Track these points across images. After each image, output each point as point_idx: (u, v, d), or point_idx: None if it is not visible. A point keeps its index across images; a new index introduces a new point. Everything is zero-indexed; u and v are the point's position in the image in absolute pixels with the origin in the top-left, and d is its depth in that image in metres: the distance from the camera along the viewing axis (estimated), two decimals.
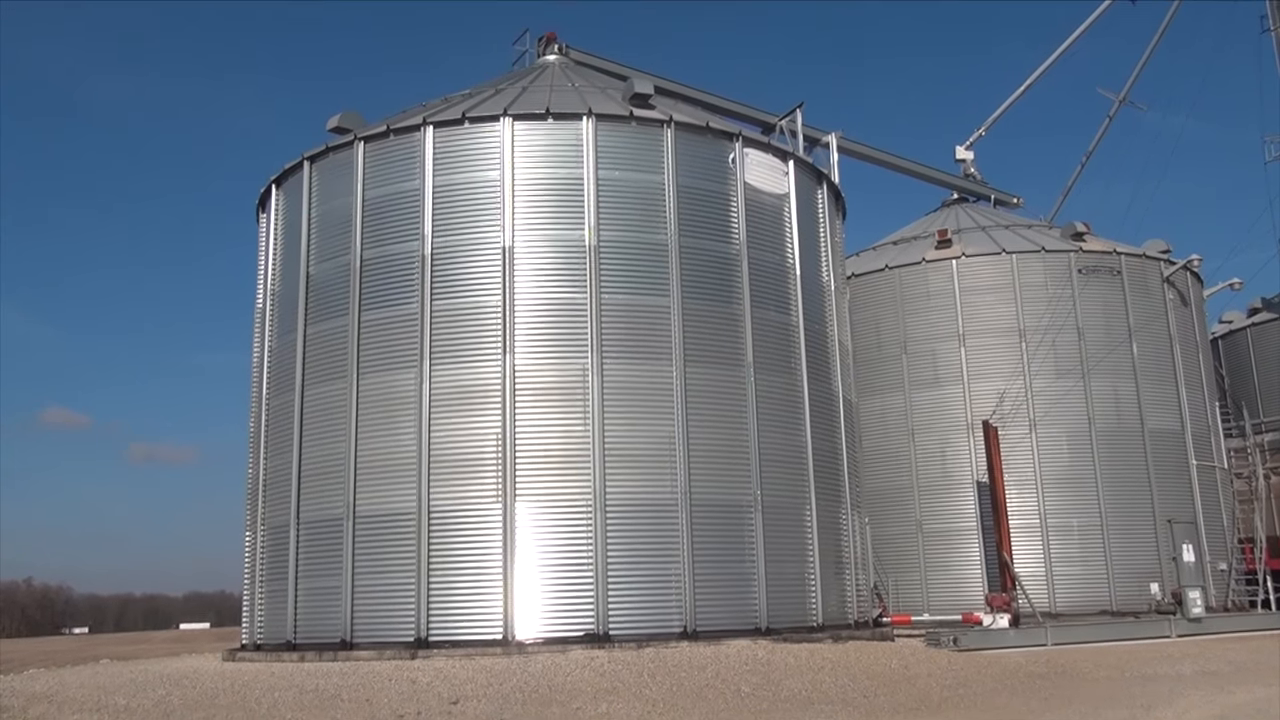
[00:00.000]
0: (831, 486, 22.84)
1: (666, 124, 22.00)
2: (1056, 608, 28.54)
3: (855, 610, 22.85)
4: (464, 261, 20.89)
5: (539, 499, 19.52)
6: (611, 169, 21.41)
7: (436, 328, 20.57)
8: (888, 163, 36.57)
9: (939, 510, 30.82)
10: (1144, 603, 28.76)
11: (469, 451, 19.81)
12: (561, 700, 13.85)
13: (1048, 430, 30.35)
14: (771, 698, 14.25)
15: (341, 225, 22.03)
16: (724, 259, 21.93)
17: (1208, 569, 30.45)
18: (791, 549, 21.25)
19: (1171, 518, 30.02)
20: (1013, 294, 31.53)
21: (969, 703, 13.97)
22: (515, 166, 21.21)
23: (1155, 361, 31.68)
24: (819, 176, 25.25)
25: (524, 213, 20.99)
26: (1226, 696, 14.04)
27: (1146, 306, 32.15)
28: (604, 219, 21.02)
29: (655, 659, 17.28)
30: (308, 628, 20.38)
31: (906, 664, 18.05)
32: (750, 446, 21.01)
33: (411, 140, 21.84)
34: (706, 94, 30.53)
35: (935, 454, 31.14)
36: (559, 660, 17.12)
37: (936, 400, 31.42)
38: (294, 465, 21.32)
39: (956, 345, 31.50)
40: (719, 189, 22.35)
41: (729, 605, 20.01)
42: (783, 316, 22.65)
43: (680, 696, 14.25)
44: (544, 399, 19.99)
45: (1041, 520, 29.67)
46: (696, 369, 20.81)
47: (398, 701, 13.83)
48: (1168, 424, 31.30)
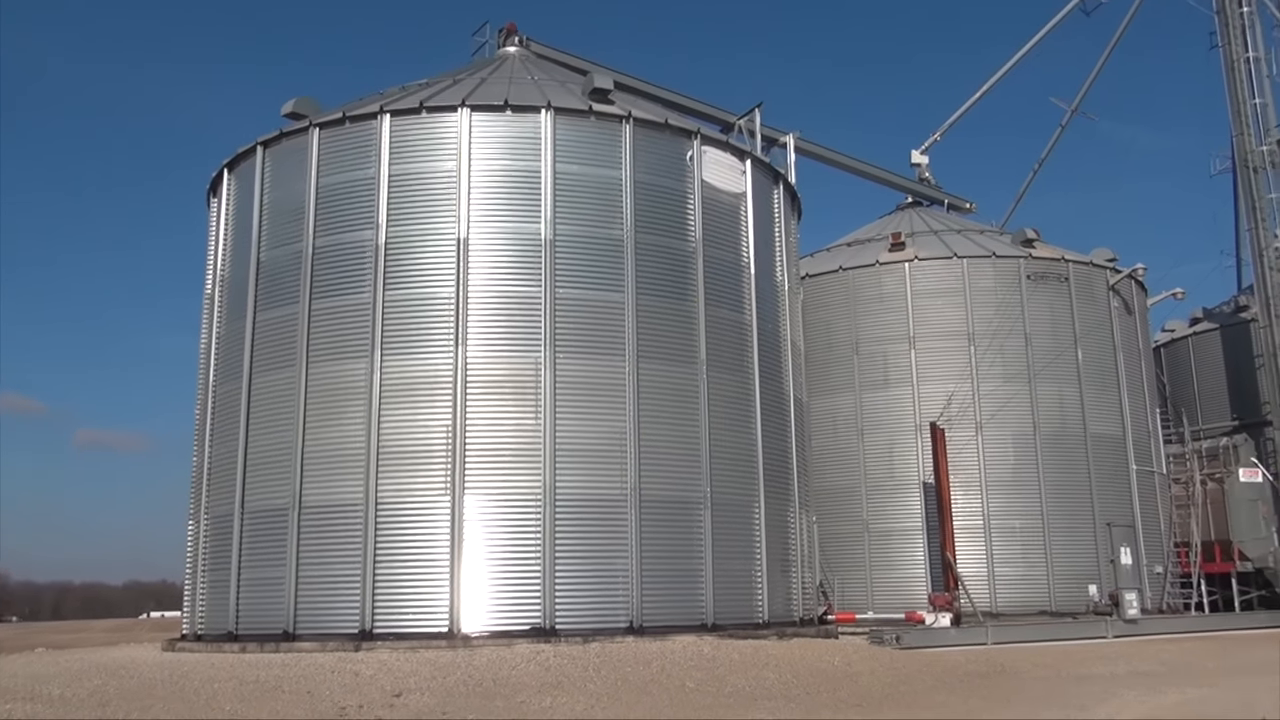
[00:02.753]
0: (781, 485, 23.02)
1: (625, 119, 22.01)
2: (998, 607, 29.00)
3: (801, 608, 23.06)
4: (418, 252, 20.77)
5: (488, 492, 19.47)
6: (569, 163, 21.38)
7: (388, 318, 20.43)
8: (844, 164, 36.90)
9: (886, 510, 31.18)
10: (1082, 604, 29.33)
11: (419, 443, 19.71)
12: (506, 694, 13.84)
13: (994, 433, 30.81)
14: (715, 693, 14.34)
15: (294, 212, 21.79)
16: (680, 256, 21.99)
17: (1144, 572, 31.11)
18: (739, 546, 21.40)
19: (1111, 521, 30.64)
20: (963, 298, 31.95)
21: (909, 700, 14.16)
22: (472, 158, 21.12)
23: (1099, 368, 32.28)
24: (776, 176, 25.42)
25: (480, 204, 20.91)
26: (1159, 697, 14.37)
27: (1092, 313, 32.75)
28: (560, 213, 21.00)
29: (601, 654, 17.32)
30: (250, 618, 20.15)
31: (849, 661, 18.25)
32: (701, 444, 21.12)
33: (368, 128, 21.65)
34: (666, 91, 30.61)
35: (883, 454, 31.49)
36: (504, 654, 17.09)
37: (886, 401, 31.77)
38: (240, 454, 21.07)
39: (907, 347, 31.87)
40: (676, 186, 22.41)
41: (676, 601, 20.12)
42: (736, 315, 22.77)
43: (625, 691, 14.29)
44: (496, 392, 19.94)
45: (985, 521, 30.12)
46: (650, 365, 20.86)
47: (340, 693, 13.73)
48: (1110, 429, 31.92)
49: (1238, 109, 38.14)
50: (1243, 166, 38.22)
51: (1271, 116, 37.95)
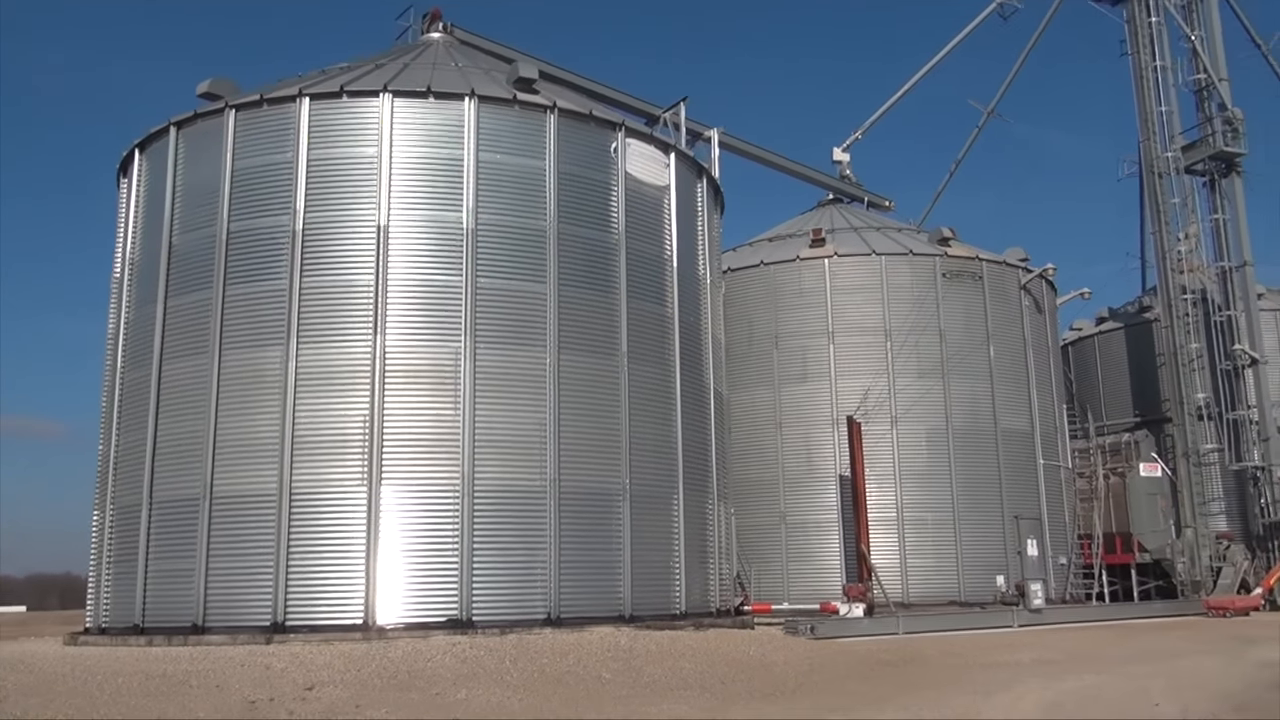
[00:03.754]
0: (700, 477, 23.22)
1: (550, 109, 21.92)
2: (909, 598, 29.63)
3: (718, 599, 23.30)
4: (337, 239, 20.44)
5: (405, 483, 19.28)
6: (492, 152, 21.23)
7: (305, 305, 20.07)
8: (767, 160, 37.25)
9: (802, 502, 31.62)
10: (990, 594, 30.12)
11: (335, 433, 19.42)
12: (421, 686, 13.75)
13: (908, 427, 31.44)
14: (631, 684, 14.44)
15: (208, 195, 21.27)
16: (602, 248, 22.00)
17: (1049, 563, 32.07)
18: (658, 538, 21.54)
19: (1018, 514, 31.52)
20: (880, 295, 32.50)
21: (821, 688, 14.43)
22: (394, 144, 20.84)
23: (1010, 365, 33.14)
24: (699, 170, 25.56)
25: (401, 192, 20.65)
26: (1059, 683, 14.85)
27: (1004, 312, 33.60)
28: (483, 202, 20.84)
29: (518, 645, 17.29)
30: (157, 611, 19.66)
31: (764, 651, 18.51)
32: (621, 436, 21.19)
33: (286, 111, 21.22)
34: (592, 82, 30.55)
35: (801, 448, 31.92)
36: (420, 646, 16.97)
37: (804, 395, 32.20)
38: (148, 443, 20.53)
39: (825, 342, 32.33)
40: (600, 178, 22.41)
41: (594, 593, 20.17)
42: (658, 308, 22.88)
43: (541, 682, 14.31)
44: (414, 382, 19.74)
45: (899, 514, 30.73)
46: (571, 357, 20.85)
47: (250, 687, 13.49)
48: (1018, 425, 32.81)
49: (1145, 115, 39.45)
50: (1149, 171, 39.55)
51: (1177, 123, 39.36)
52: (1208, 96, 39.90)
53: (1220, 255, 39.61)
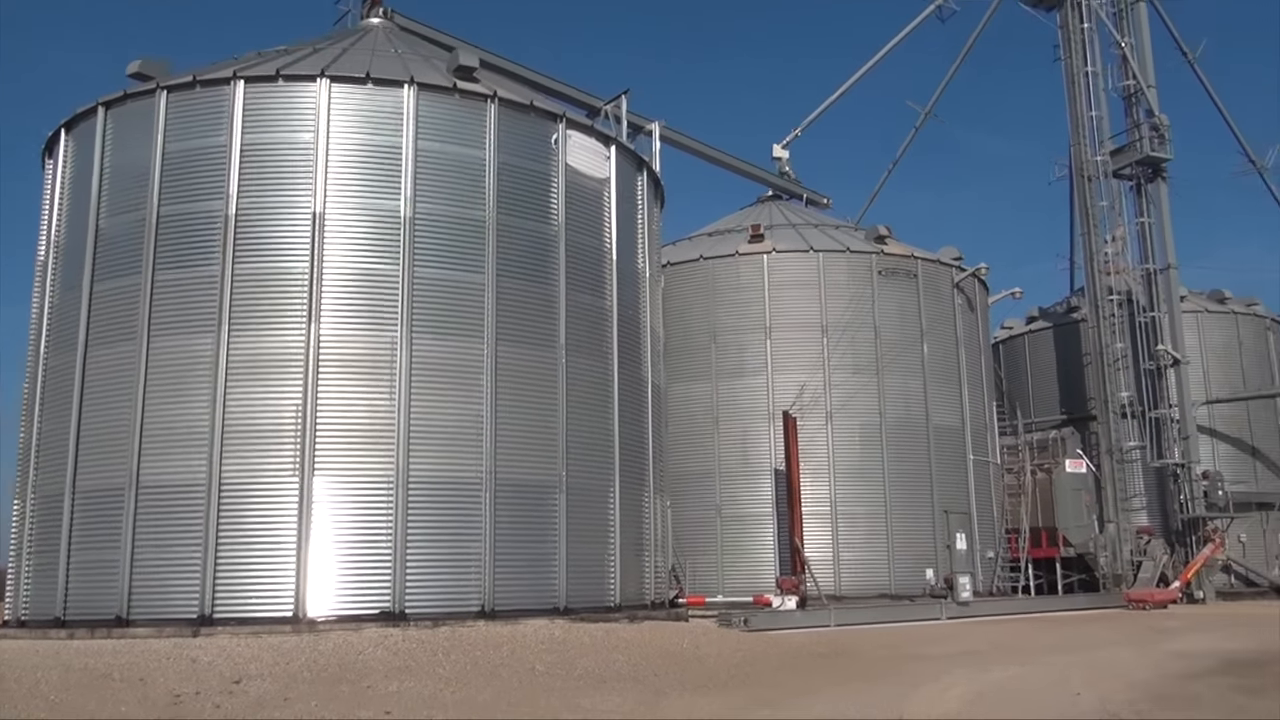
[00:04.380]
0: (636, 470, 23.28)
1: (490, 99, 21.77)
2: (842, 590, 30.03)
3: (652, 591, 23.41)
4: (271, 225, 20.11)
5: (339, 474, 19.06)
6: (431, 140, 21.04)
7: (238, 292, 19.72)
8: (708, 155, 37.38)
9: (738, 496, 31.86)
10: (920, 587, 30.66)
11: (266, 422, 19.12)
12: (352, 679, 13.62)
13: (843, 422, 31.82)
14: (565, 676, 14.45)
15: (138, 178, 20.77)
16: (541, 239, 21.93)
17: (977, 557, 32.72)
18: (594, 530, 21.56)
19: (948, 508, 32.09)
20: (817, 291, 32.83)
21: (753, 680, 14.58)
22: (330, 130, 20.54)
23: (942, 362, 33.70)
24: (640, 164, 25.58)
25: (337, 179, 20.37)
26: (985, 674, 15.19)
27: (937, 310, 34.13)
28: (421, 191, 20.65)
29: (451, 637, 17.21)
30: (80, 603, 19.19)
31: (698, 644, 18.64)
32: (558, 428, 21.16)
33: (220, 94, 20.81)
34: (533, 72, 30.40)
35: (737, 441, 32.16)
36: (351, 638, 16.79)
37: (741, 390, 32.43)
38: (72, 430, 20.01)
39: (763, 337, 32.58)
40: (540, 169, 22.32)
41: (529, 585, 20.14)
42: (597, 300, 22.87)
43: (474, 675, 14.26)
44: (349, 371, 19.51)
45: (832, 508, 31.10)
46: (508, 348, 20.76)
47: (175, 681, 13.25)
48: (950, 421, 33.39)
49: (1076, 120, 40.37)
50: (1078, 175, 40.49)
51: (1106, 128, 40.33)
52: (1136, 102, 40.91)
53: (1145, 258, 40.70)
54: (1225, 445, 41.29)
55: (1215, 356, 42.13)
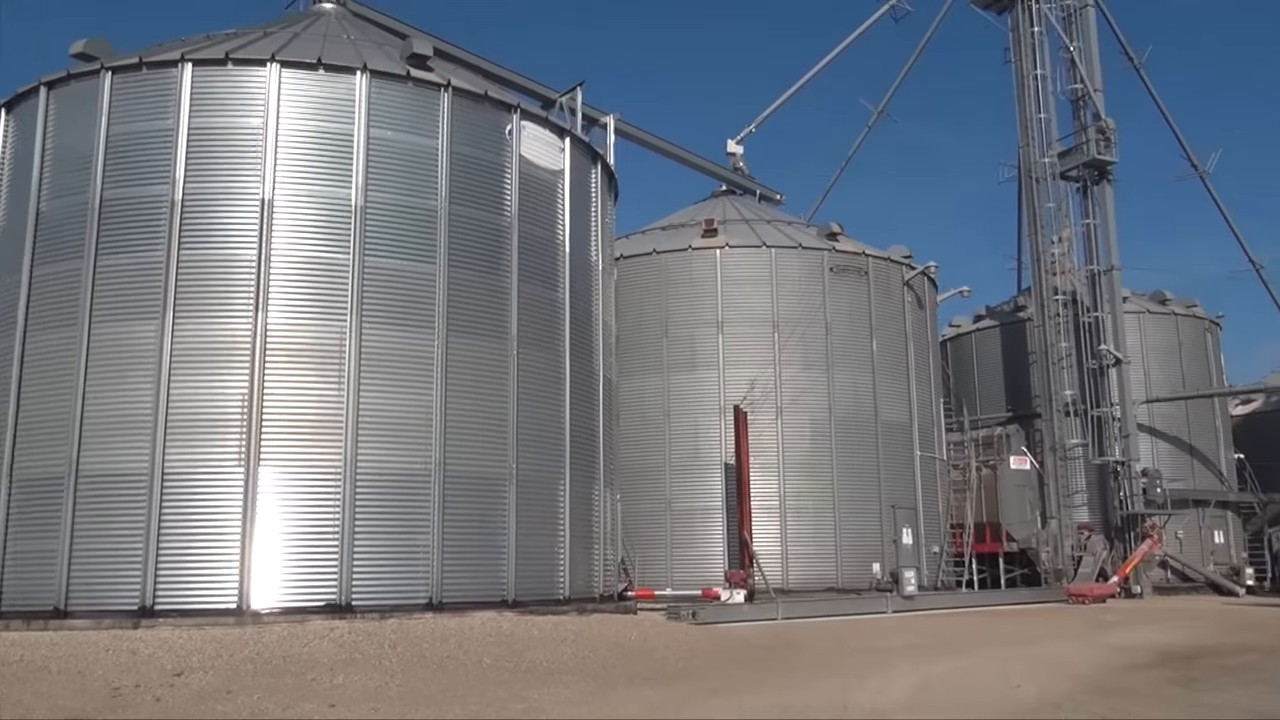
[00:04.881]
0: (586, 463, 23.26)
1: (444, 88, 21.59)
2: (790, 584, 30.27)
3: (601, 584, 23.41)
4: (218, 211, 19.77)
5: (285, 464, 18.81)
6: (383, 129, 20.81)
7: (183, 278, 19.37)
8: (662, 149, 37.43)
9: (688, 489, 31.98)
10: (866, 581, 31.02)
11: (212, 411, 18.81)
12: (296, 672, 13.48)
13: (792, 417, 32.06)
14: (512, 669, 14.43)
15: (81, 161, 20.31)
16: (494, 230, 21.81)
17: (923, 551, 33.17)
18: (543, 523, 21.50)
19: (895, 503, 32.49)
20: (769, 287, 33.03)
21: (701, 673, 14.66)
22: (280, 116, 20.23)
23: (891, 358, 34.07)
24: (594, 156, 25.52)
25: (287, 165, 20.07)
26: (928, 666, 15.41)
27: (887, 307, 34.49)
28: (372, 179, 20.43)
29: (398, 630, 17.10)
30: (15, 594, 18.74)
31: (646, 636, 18.71)
32: (509, 420, 21.07)
33: (167, 76, 20.40)
34: (487, 62, 30.17)
35: (688, 436, 32.26)
36: (296, 630, 16.62)
37: (692, 384, 32.54)
38: (10, 418, 19.51)
39: (715, 332, 32.71)
40: (493, 159, 22.18)
41: (477, 577, 20.04)
42: (549, 293, 22.79)
43: (420, 668, 14.18)
44: (297, 361, 19.25)
45: (781, 502, 31.34)
46: (459, 340, 20.63)
47: (114, 673, 13.02)
48: (898, 417, 33.77)
49: (1025, 122, 40.98)
50: (1027, 176, 41.13)
51: (1054, 131, 40.99)
52: (1083, 106, 41.60)
53: (1090, 259, 41.43)
54: (1164, 443, 42.21)
55: (1155, 356, 43.03)
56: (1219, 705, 11.71)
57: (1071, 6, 42.07)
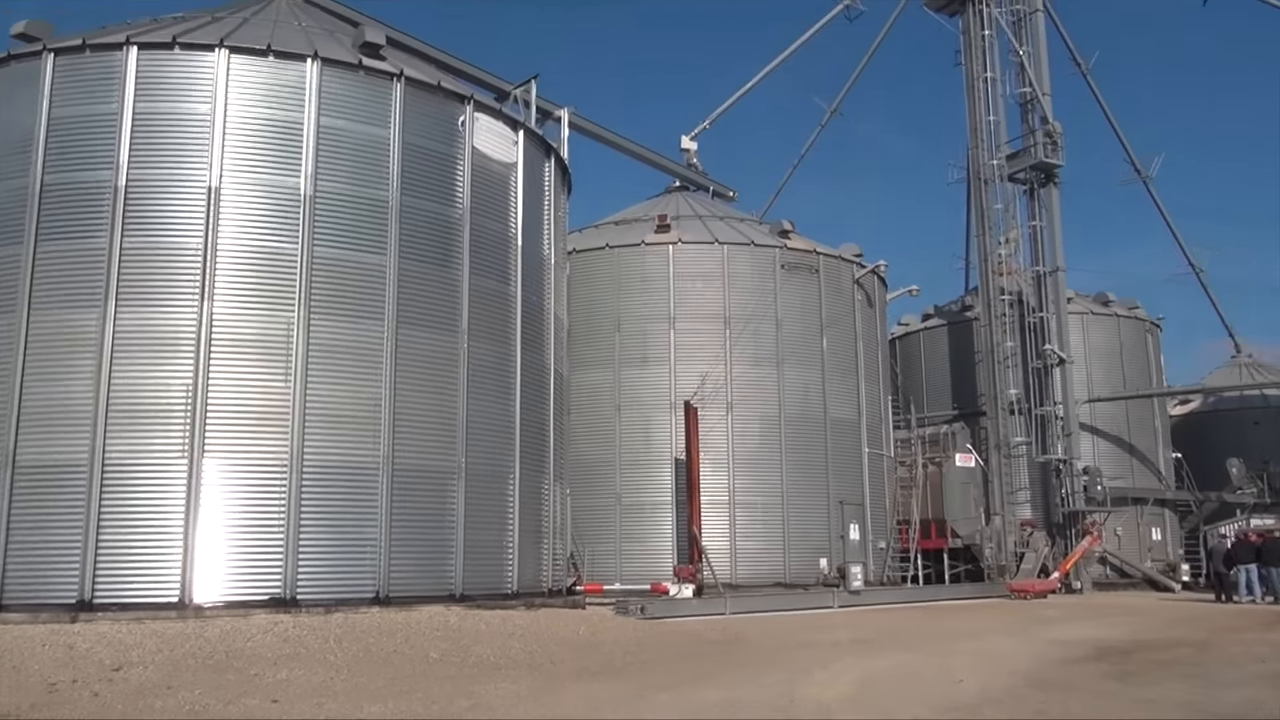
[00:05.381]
0: (537, 457, 23.21)
1: (397, 78, 21.39)
2: (738, 579, 30.45)
3: (550, 579, 23.39)
4: (163, 198, 19.42)
5: (230, 456, 18.54)
6: (334, 118, 20.57)
7: (126, 266, 19.00)
8: (616, 144, 37.44)
9: (638, 484, 32.03)
10: (813, 576, 31.30)
11: (155, 402, 18.48)
12: (239, 666, 13.30)
13: (743, 413, 32.24)
14: (459, 663, 14.36)
15: (20, 144, 19.82)
16: (446, 222, 21.66)
17: (869, 546, 33.53)
18: (492, 517, 21.44)
19: (843, 499, 32.81)
20: (722, 283, 33.16)
21: (648, 667, 14.69)
22: (229, 102, 19.91)
23: (841, 356, 34.38)
24: (548, 149, 25.44)
25: (235, 153, 19.77)
26: (873, 661, 15.58)
27: (838, 305, 34.80)
28: (323, 169, 20.19)
29: (343, 624, 16.94)
30: None
31: (594, 630, 18.72)
32: (459, 414, 20.96)
33: (111, 59, 19.98)
34: (441, 52, 29.96)
35: (638, 430, 32.31)
36: (239, 625, 16.40)
37: (644, 379, 32.58)
38: None
39: (667, 327, 32.77)
40: (446, 151, 22.03)
41: (425, 571, 19.93)
42: (501, 286, 22.69)
43: (366, 662, 14.07)
44: (243, 351, 18.98)
45: (730, 497, 31.52)
46: (409, 332, 20.47)
47: (51, 668, 12.76)
48: (846, 414, 34.10)
49: (975, 124, 41.52)
50: (975, 177, 41.67)
51: (1003, 133, 41.56)
52: (1032, 109, 42.22)
53: (1036, 260, 42.07)
54: (1105, 442, 43.05)
55: (1098, 357, 43.86)
56: (1154, 699, 11.98)
57: (1021, 11, 42.66)
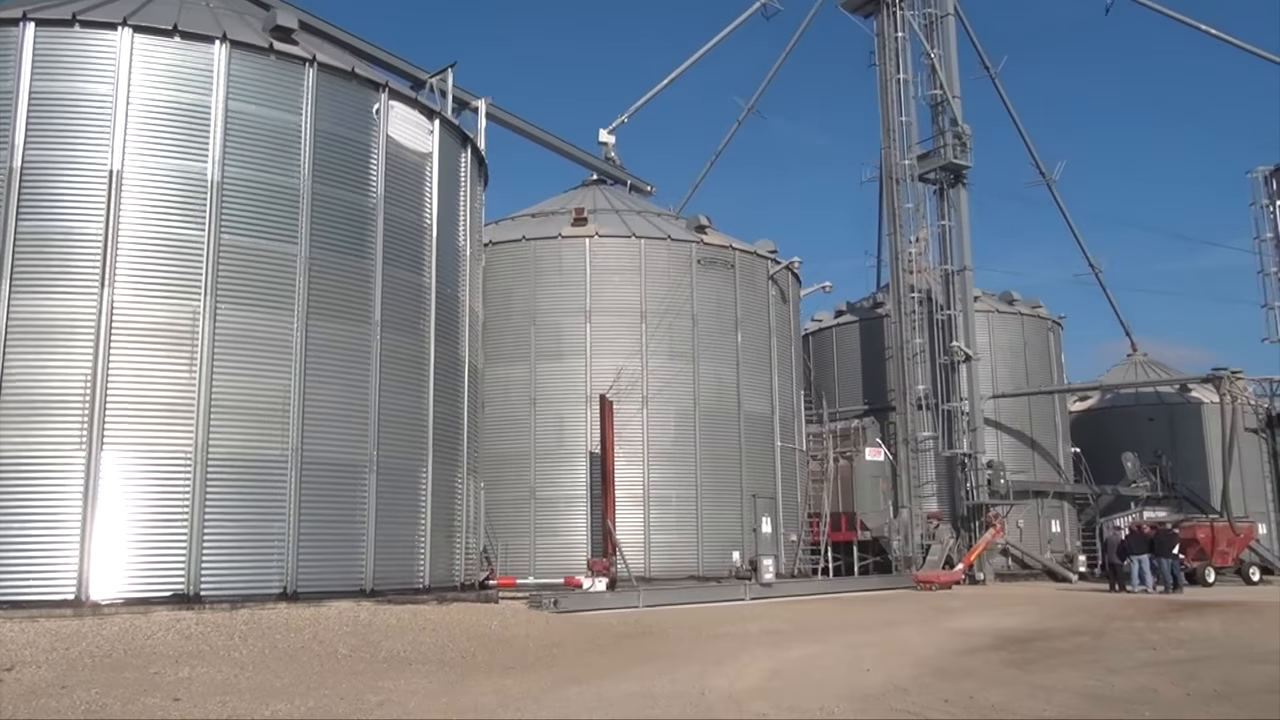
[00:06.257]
0: (450, 450, 22.99)
1: (309, 63, 20.94)
2: (652, 572, 30.59)
3: (463, 573, 23.21)
4: (62, 181, 18.72)
5: (131, 448, 17.98)
6: (243, 102, 20.06)
7: (21, 251, 18.27)
8: (534, 135, 37.15)
9: (553, 478, 31.94)
10: (726, 568, 31.61)
11: (50, 392, 17.81)
12: (138, 665, 12.93)
13: (658, 407, 32.37)
14: (369, 659, 14.18)
15: None
16: (359, 211, 21.30)
17: (781, 539, 33.98)
18: (404, 511, 21.18)
19: (756, 493, 33.17)
20: (638, 277, 33.22)
21: (562, 660, 14.69)
22: (132, 84, 19.28)
23: (755, 351, 34.74)
24: (465, 140, 25.19)
25: (138, 136, 19.15)
26: (783, 652, 15.81)
27: (752, 300, 35.14)
28: (231, 154, 19.67)
29: (249, 620, 16.58)
30: None
31: (507, 625, 18.64)
32: (370, 406, 20.65)
33: (6, 35, 19.17)
34: (356, 38, 29.33)
35: (554, 424, 32.22)
36: (139, 622, 15.93)
37: (559, 372, 32.49)
38: None
39: (583, 321, 32.72)
40: (360, 139, 21.65)
41: (335, 566, 19.60)
42: (415, 277, 22.41)
43: (272, 659, 13.79)
44: (146, 341, 18.41)
45: (645, 491, 31.62)
46: (320, 323, 20.09)
47: None
48: (760, 408, 34.48)
49: (887, 124, 42.32)
50: (887, 177, 42.51)
51: (915, 134, 42.47)
52: (942, 111, 43.19)
53: (945, 259, 43.11)
54: (1008, 437, 44.30)
55: (1002, 354, 45.09)
56: (1051, 685, 12.38)
57: (933, 15, 43.59)
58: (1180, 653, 15.85)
